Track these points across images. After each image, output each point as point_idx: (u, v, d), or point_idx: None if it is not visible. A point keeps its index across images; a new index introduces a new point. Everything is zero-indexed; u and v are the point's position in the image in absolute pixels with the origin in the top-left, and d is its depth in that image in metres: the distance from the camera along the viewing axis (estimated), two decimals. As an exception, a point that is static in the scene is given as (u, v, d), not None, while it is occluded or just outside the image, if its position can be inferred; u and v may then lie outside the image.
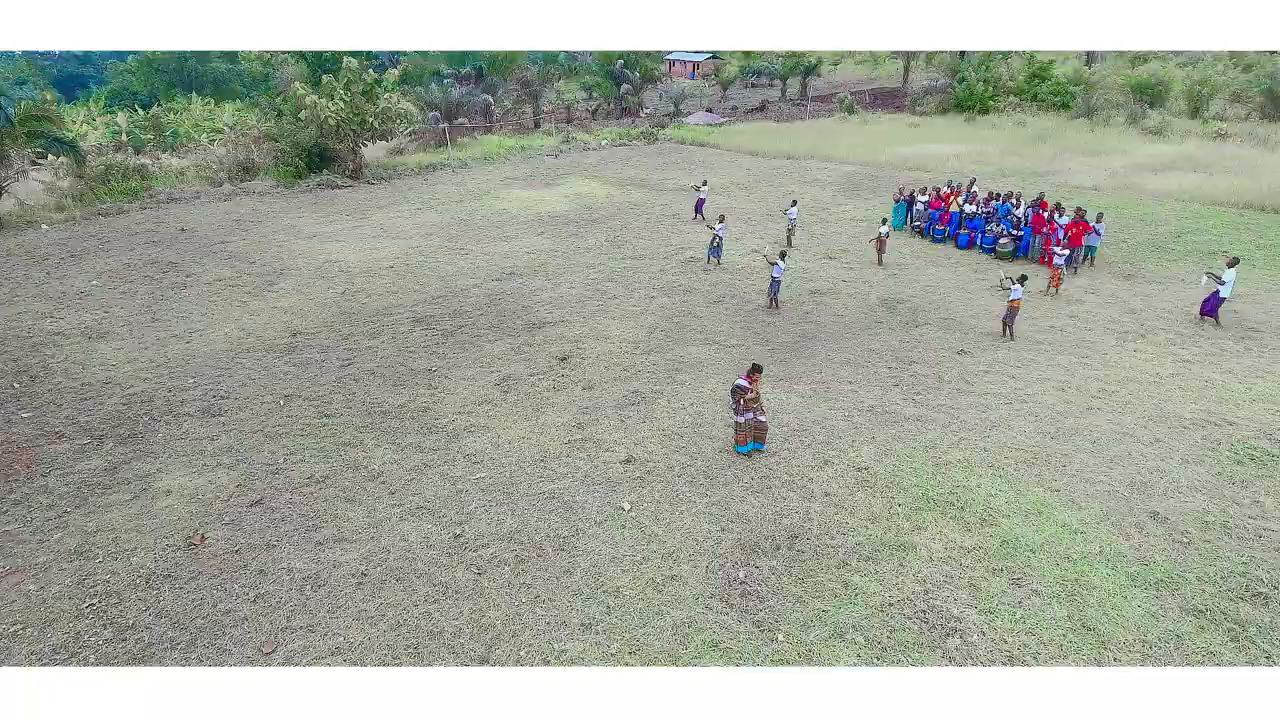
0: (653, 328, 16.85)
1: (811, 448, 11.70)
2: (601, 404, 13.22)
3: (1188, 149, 37.95)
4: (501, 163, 38.50)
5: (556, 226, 26.42)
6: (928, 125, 48.94)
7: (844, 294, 19.28)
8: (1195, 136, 41.22)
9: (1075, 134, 43.36)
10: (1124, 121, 45.39)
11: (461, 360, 15.20)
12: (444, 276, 20.81)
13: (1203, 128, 42.77)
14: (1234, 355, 15.14)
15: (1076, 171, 34.09)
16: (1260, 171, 32.06)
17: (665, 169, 37.27)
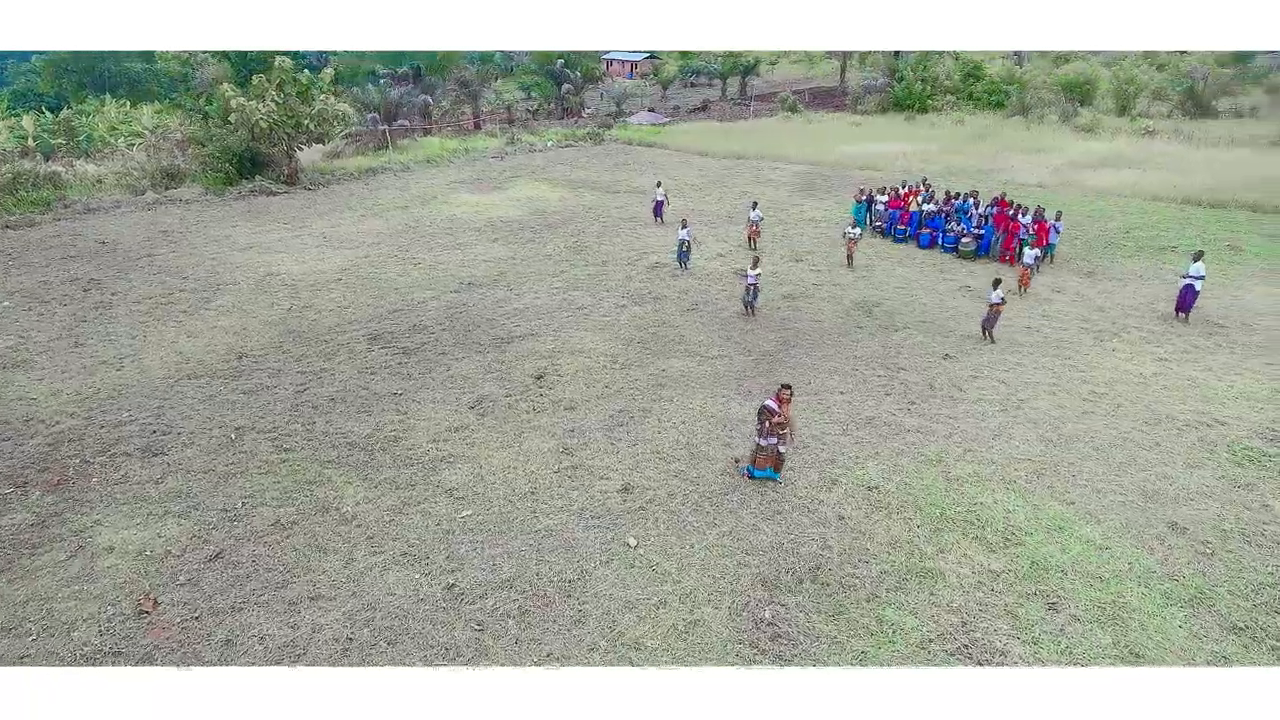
0: (629, 339, 16.08)
1: (816, 466, 11.14)
2: (587, 426, 12.40)
3: (1119, 146, 39.18)
4: (445, 165, 37.08)
5: (511, 232, 25.37)
6: (870, 124, 49.47)
7: (818, 298, 18.88)
8: (1125, 134, 42.65)
9: (1012, 132, 44.37)
10: (1057, 120, 46.76)
11: (429, 381, 14.14)
12: (399, 288, 19.59)
13: (1131, 125, 44.36)
14: (1208, 352, 15.29)
15: (1019, 169, 34.76)
16: (1189, 167, 33.29)
17: (616, 170, 36.51)
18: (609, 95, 60.70)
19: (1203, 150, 37.40)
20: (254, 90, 29.33)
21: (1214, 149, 37.25)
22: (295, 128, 30.21)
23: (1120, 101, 48.24)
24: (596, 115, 56.32)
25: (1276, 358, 14.92)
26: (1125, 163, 35.23)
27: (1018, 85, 52.26)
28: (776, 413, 10.29)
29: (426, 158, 37.50)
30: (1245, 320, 17.07)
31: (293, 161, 31.55)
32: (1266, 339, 15.93)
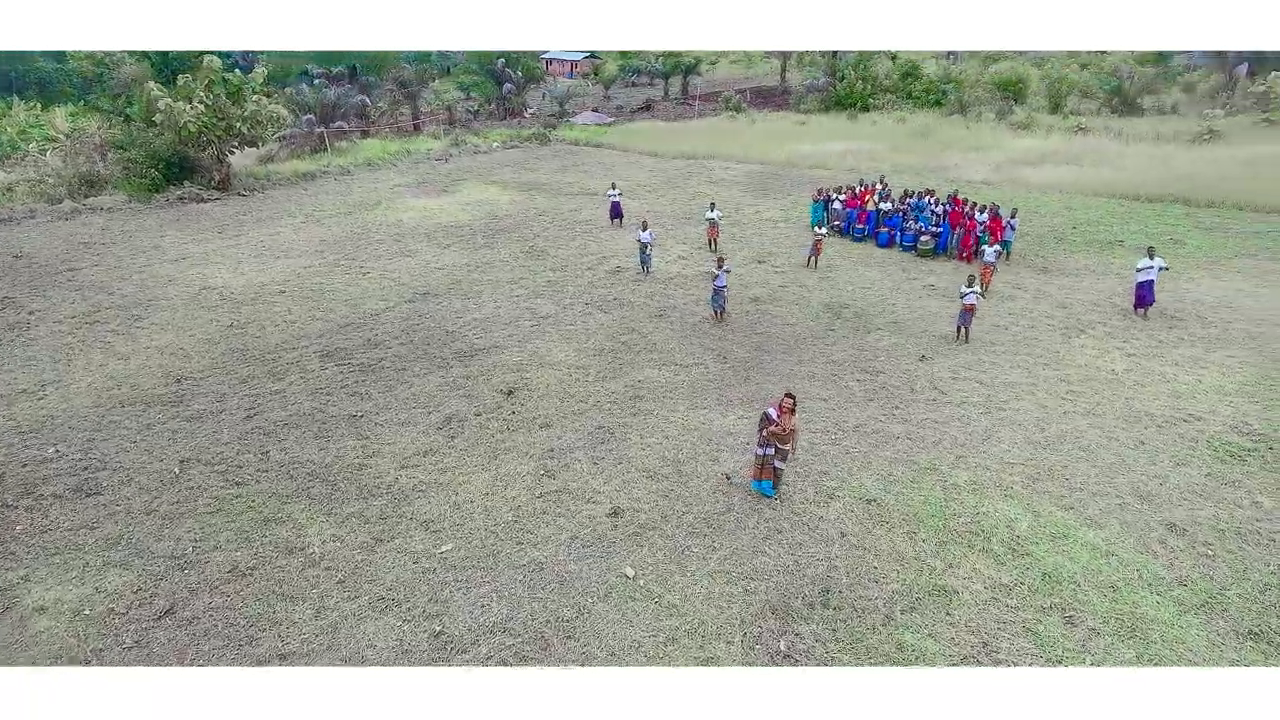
0: (598, 349, 15.45)
1: (809, 478, 10.74)
2: (566, 444, 11.73)
3: (1054, 143, 40.26)
4: (388, 168, 35.70)
5: (463, 238, 24.42)
6: (814, 123, 49.79)
7: (786, 300, 18.58)
8: (1058, 131, 43.91)
9: (951, 130, 45.20)
10: (994, 118, 47.89)
11: (391, 401, 13.25)
12: (349, 300, 18.51)
13: (1063, 123, 45.73)
14: (1171, 346, 15.52)
15: (963, 166, 35.34)
16: (1122, 163, 34.38)
17: (565, 172, 35.75)
18: (551, 95, 59.74)
19: (1132, 146, 38.71)
20: (180, 91, 27.58)
21: (1142, 145, 38.61)
22: (226, 130, 28.56)
23: (1052, 99, 49.74)
24: (539, 115, 55.34)
25: (1236, 350, 15.22)
26: (1062, 159, 36.18)
27: (954, 84, 53.43)
28: (774, 421, 9.83)
29: (367, 160, 36.04)
30: (1199, 313, 17.45)
31: (224, 166, 29.85)
32: (1223, 332, 16.28)
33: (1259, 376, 14.01)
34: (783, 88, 69.16)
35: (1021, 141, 41.03)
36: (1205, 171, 31.47)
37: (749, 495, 10.34)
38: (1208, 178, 30.37)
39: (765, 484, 10.31)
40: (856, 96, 54.03)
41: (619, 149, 42.35)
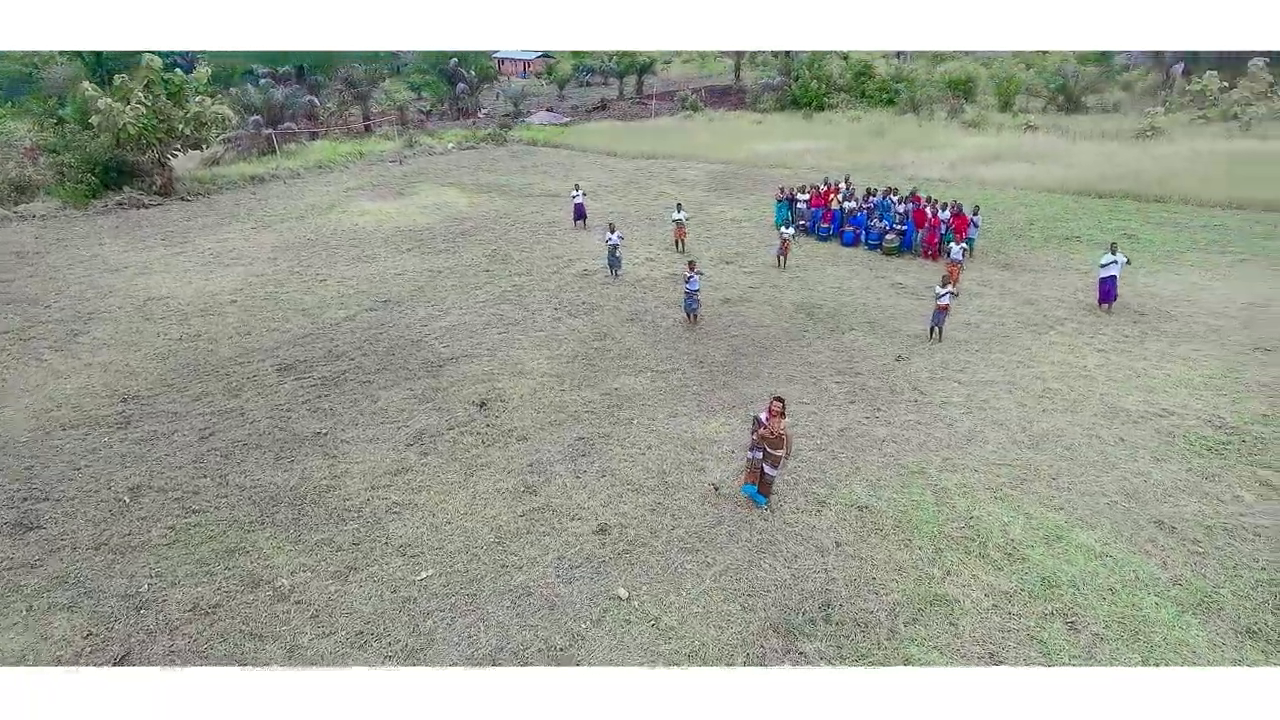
0: (572, 356, 15.02)
1: (798, 486, 10.49)
2: (545, 458, 11.29)
3: (1005, 141, 41.00)
4: (340, 171, 34.62)
5: (423, 242, 23.70)
6: (770, 122, 49.99)
7: (757, 301, 18.38)
8: (1008, 129, 44.78)
9: (905, 129, 45.76)
10: (945, 116, 48.67)
11: (357, 417, 12.62)
12: (306, 309, 17.72)
13: (1013, 121, 46.69)
14: (1138, 341, 15.72)
15: (919, 164, 35.71)
16: (1072, 160, 35.13)
17: (525, 173, 35.13)
18: (505, 95, 58.87)
19: (1079, 144, 39.64)
20: (117, 91, 26.22)
21: (1088, 142, 39.55)
22: (168, 132, 27.30)
23: (1001, 98, 50.76)
24: (494, 115, 54.48)
25: (1200, 344, 15.49)
26: (1014, 156, 36.77)
27: (906, 84, 54.16)
28: (763, 425, 9.58)
29: (318, 163, 34.89)
30: (1160, 307, 17.76)
31: (166, 170, 28.53)
32: (1185, 325, 16.57)
33: (1224, 369, 14.25)
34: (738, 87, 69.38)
35: (973, 139, 41.66)
36: (1150, 167, 32.31)
37: (739, 505, 10.05)
38: (1154, 173, 31.17)
39: (752, 490, 10.07)
40: (811, 96, 54.43)
41: (577, 149, 41.84)
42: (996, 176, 33.25)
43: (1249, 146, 35.96)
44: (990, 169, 34.57)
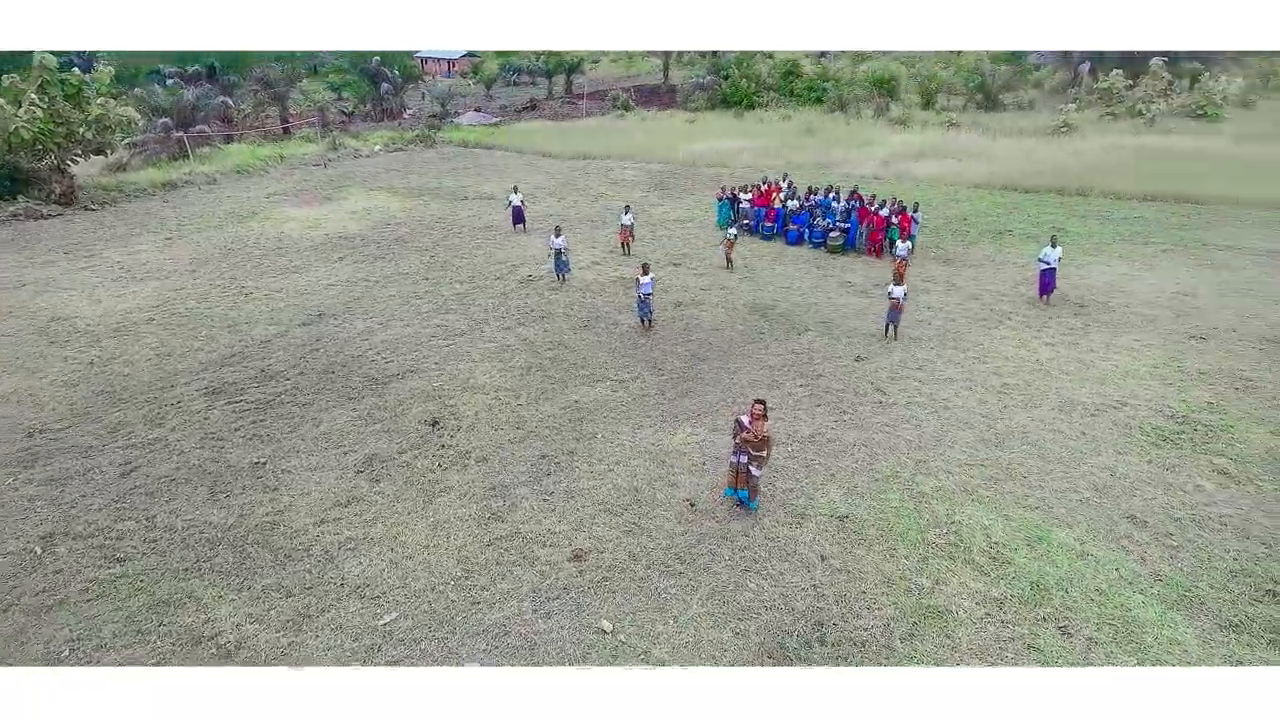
0: (526, 367, 14.37)
1: (776, 498, 10.17)
2: (508, 480, 10.65)
3: (930, 138, 42.03)
4: (260, 176, 32.80)
5: (355, 250, 22.54)
6: (703, 121, 50.06)
7: (710, 304, 18.07)
8: (932, 127, 45.97)
9: (835, 127, 46.48)
10: (872, 114, 49.67)
11: (298, 443, 11.69)
12: (233, 325, 16.50)
13: (936, 118, 47.98)
14: (1082, 333, 16.08)
15: (852, 162, 36.23)
16: (994, 156, 36.21)
17: (457, 175, 34.03)
18: (431, 95, 57.23)
19: (999, 140, 40.92)
20: (7, 93, 24.04)
21: (1008, 139, 40.87)
22: (67, 136, 25.23)
23: (924, 96, 52.15)
24: (420, 116, 52.88)
25: (1139, 334, 15.95)
26: (940, 153, 37.69)
27: (833, 82, 55.07)
28: (746, 428, 9.36)
29: (235, 167, 32.98)
30: (1097, 299, 18.27)
31: (66, 177, 26.38)
32: (1123, 316, 17.06)
33: (1165, 358, 14.67)
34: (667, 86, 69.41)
35: (900, 137, 42.58)
36: (1069, 162, 33.62)
37: (717, 520, 9.66)
38: (1073, 168, 32.41)
39: (742, 493, 9.84)
40: (742, 95, 54.81)
41: (510, 150, 40.91)
42: (926, 173, 33.94)
43: (1155, 141, 37.85)
44: (920, 165, 35.29)
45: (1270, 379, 13.77)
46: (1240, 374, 13.98)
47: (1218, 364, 14.40)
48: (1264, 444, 11.59)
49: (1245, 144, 36.65)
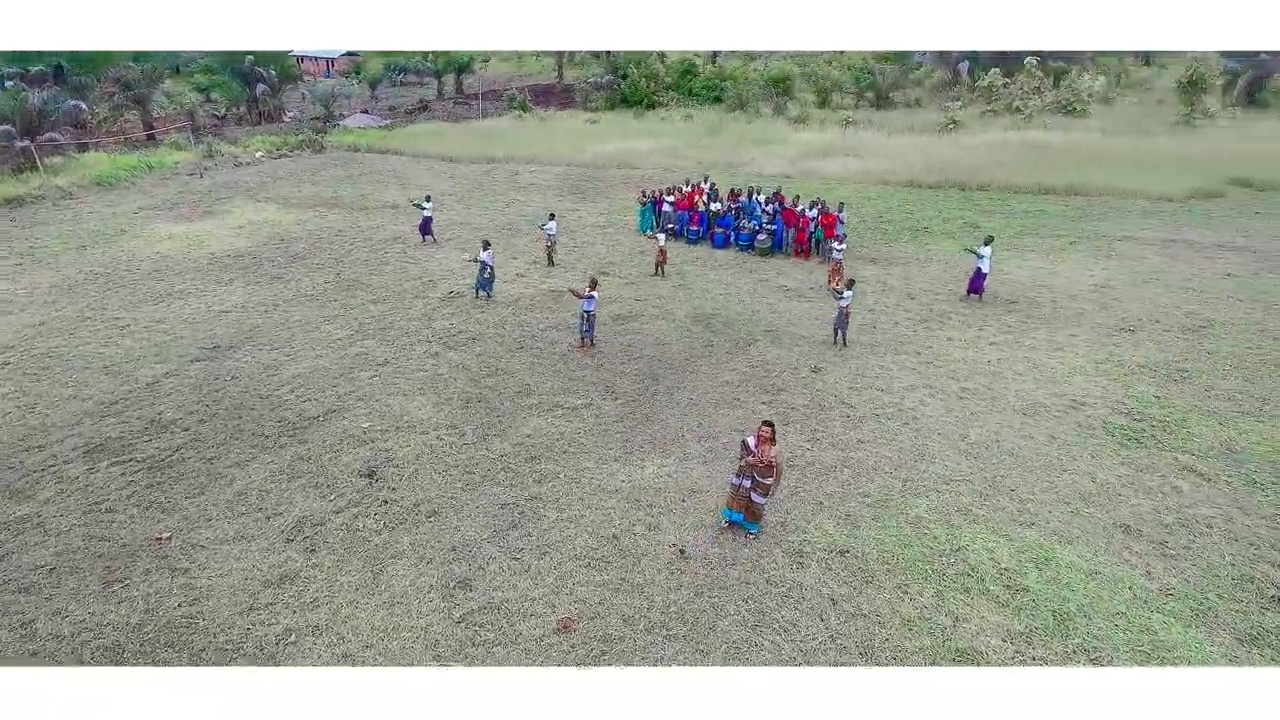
0: (464, 399, 13.01)
1: (770, 534, 9.37)
2: (469, 537, 9.37)
3: (830, 136, 42.75)
4: (125, 188, 29.35)
5: (247, 270, 20.28)
6: (605, 121, 49.16)
7: (649, 315, 17.18)
8: (830, 125, 46.85)
9: (738, 126, 46.65)
10: (771, 113, 50.20)
11: (208, 508, 9.96)
12: (110, 366, 14.24)
13: (832, 116, 48.99)
14: (1022, 331, 16.21)
15: (760, 161, 36.21)
16: (892, 153, 37.07)
17: (354, 183, 31.67)
18: (313, 96, 53.61)
19: (894, 137, 42.08)
20: None
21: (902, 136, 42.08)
22: (-120, 149, 21.48)
23: (819, 95, 53.21)
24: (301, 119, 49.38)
25: (1072, 329, 16.24)
26: (842, 151, 38.29)
27: (731, 81, 55.37)
28: (752, 452, 8.78)
29: (96, 179, 29.34)
30: (1024, 294, 18.60)
31: (-118, 196, 22.54)
32: (1052, 311, 17.40)
33: (1104, 354, 14.93)
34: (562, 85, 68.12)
35: (802, 135, 43.08)
36: (964, 158, 34.78)
37: (712, 568, 8.76)
38: (968, 164, 33.53)
39: (738, 515, 9.23)
40: (641, 94, 54.25)
41: (407, 154, 38.60)
42: (832, 171, 34.28)
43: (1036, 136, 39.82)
44: (825, 164, 35.62)
45: (1201, 369, 14.21)
46: (1175, 365, 14.36)
47: (1151, 356, 14.77)
48: (1217, 437, 11.80)
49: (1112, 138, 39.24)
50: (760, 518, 9.28)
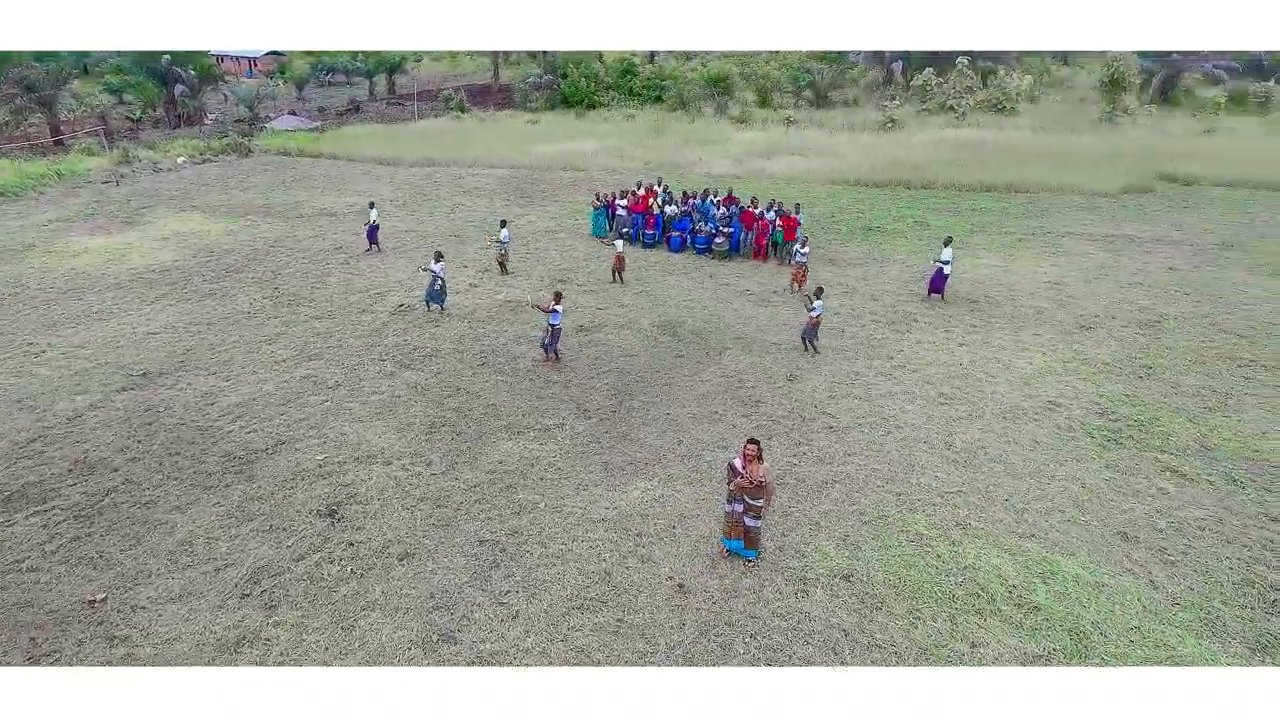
0: (428, 424, 12.17)
1: (770, 559, 8.91)
2: (447, 580, 8.61)
3: (774, 136, 42.84)
4: (33, 199, 27.13)
5: (176, 286, 18.83)
6: (547, 122, 48.24)
7: (613, 325, 16.58)
8: (772, 124, 47.01)
9: (681, 126, 46.35)
10: (713, 113, 50.10)
11: (148, 561, 8.92)
12: (23, 400, 12.86)
13: (774, 115, 49.18)
14: (987, 331, 16.23)
15: (706, 161, 35.92)
16: (836, 152, 37.28)
17: (286, 189, 30.06)
18: (236, 98, 51.08)
19: (836, 136, 42.43)
20: None
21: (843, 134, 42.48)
22: None
23: (760, 95, 53.37)
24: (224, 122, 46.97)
25: (1034, 327, 16.35)
26: (787, 150, 38.33)
27: (672, 80, 55.09)
28: (740, 473, 8.36)
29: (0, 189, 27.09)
30: (983, 294, 18.70)
31: None
32: (1013, 310, 17.51)
33: (1069, 353, 15.03)
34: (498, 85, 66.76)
35: (746, 135, 43.06)
36: (907, 156, 35.19)
37: (714, 602, 8.24)
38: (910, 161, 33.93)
39: (736, 543, 8.78)
40: (582, 94, 53.51)
41: (342, 157, 36.93)
42: (779, 170, 34.23)
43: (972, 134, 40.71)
44: (771, 163, 35.55)
45: (1164, 365, 14.42)
46: (1138, 362, 14.54)
47: (1115, 354, 14.93)
48: (1190, 435, 11.90)
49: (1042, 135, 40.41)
50: (758, 543, 8.83)
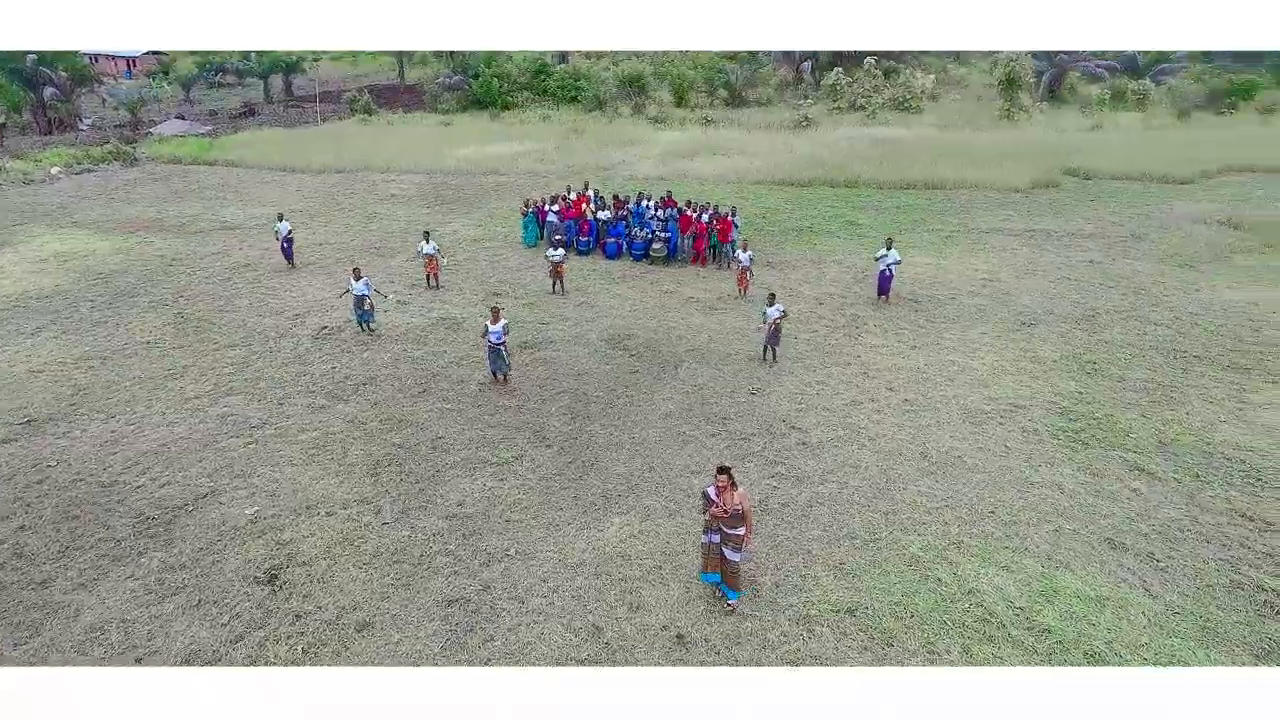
0: (371, 463, 11.02)
1: (764, 595, 8.33)
2: (416, 650, 7.60)
3: (692, 136, 42.61)
4: (-124, 219, 23.91)
5: (59, 315, 16.78)
6: (459, 124, 46.60)
7: (560, 341, 15.71)
8: (690, 124, 46.85)
9: (597, 126, 45.59)
10: (630, 113, 49.57)
11: (49, 657, 7.53)
12: (-122, 463, 10.95)
13: (691, 115, 49.07)
14: (935, 332, 16.21)
15: (629, 163, 35.35)
16: (757, 151, 37.36)
17: (180, 200, 27.65)
18: (116, 101, 47.12)
19: (754, 135, 42.58)
20: None
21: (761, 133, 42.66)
22: None
23: (677, 94, 53.18)
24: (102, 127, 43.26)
25: (980, 326, 16.45)
26: (708, 150, 38.12)
27: (586, 80, 54.23)
28: (715, 502, 7.74)
29: None
30: (926, 293, 18.77)
31: None
32: (957, 309, 17.61)
33: (1017, 351, 15.16)
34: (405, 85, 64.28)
35: (666, 135, 42.67)
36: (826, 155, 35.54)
37: (716, 653, 7.58)
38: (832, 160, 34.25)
39: (715, 576, 8.15)
40: (494, 95, 52.01)
41: (240, 165, 34.48)
42: (704, 171, 33.94)
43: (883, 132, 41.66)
44: (694, 164, 35.21)
45: (1106, 359, 14.70)
46: (1083, 359, 14.77)
47: (1059, 350, 15.14)
48: (1147, 431, 12.06)
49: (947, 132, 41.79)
50: (738, 582, 8.11)
